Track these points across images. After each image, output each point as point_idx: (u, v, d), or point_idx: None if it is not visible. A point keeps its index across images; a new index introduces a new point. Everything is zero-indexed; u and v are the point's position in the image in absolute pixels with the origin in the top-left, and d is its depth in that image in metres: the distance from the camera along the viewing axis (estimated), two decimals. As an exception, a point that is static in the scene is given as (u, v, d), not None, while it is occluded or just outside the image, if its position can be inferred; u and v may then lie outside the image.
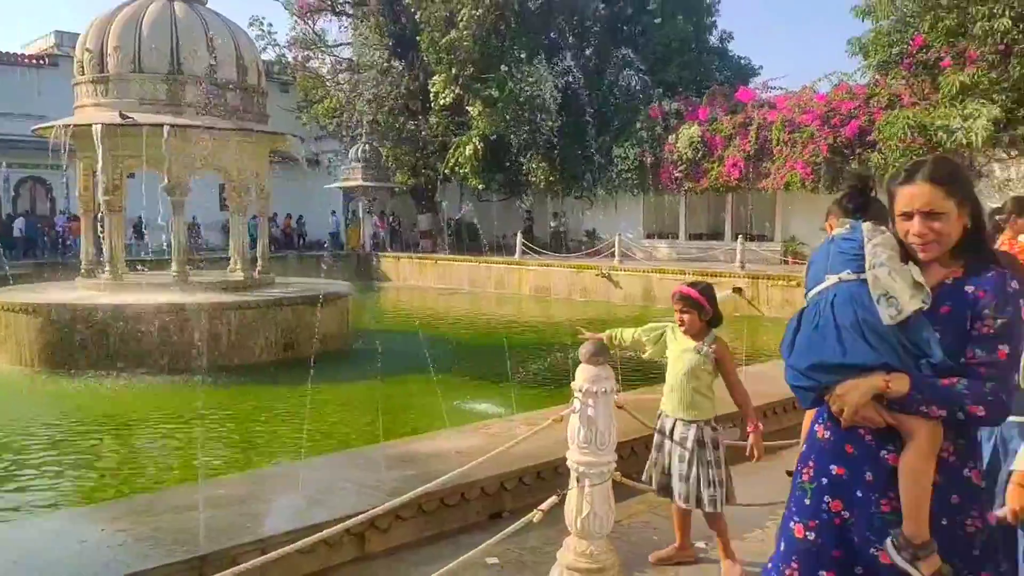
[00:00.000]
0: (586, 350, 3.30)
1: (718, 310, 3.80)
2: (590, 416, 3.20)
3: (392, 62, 27.64)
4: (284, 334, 11.76)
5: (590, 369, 3.24)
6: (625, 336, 3.98)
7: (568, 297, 21.21)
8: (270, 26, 41.68)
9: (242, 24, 14.32)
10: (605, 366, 3.28)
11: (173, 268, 12.58)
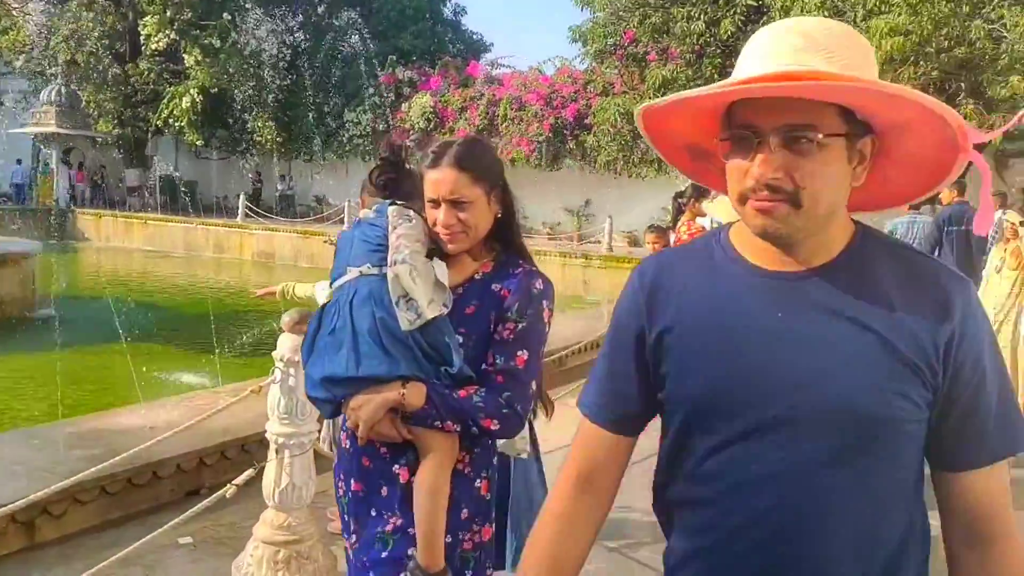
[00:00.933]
0: (289, 319, 3.16)
1: None
2: (291, 386, 3.09)
3: (96, -6, 24.68)
4: (-51, 297, 10.14)
5: (292, 338, 3.11)
6: (298, 291, 3.93)
7: (295, 263, 20.49)
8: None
9: None
10: (307, 334, 3.15)
11: None
